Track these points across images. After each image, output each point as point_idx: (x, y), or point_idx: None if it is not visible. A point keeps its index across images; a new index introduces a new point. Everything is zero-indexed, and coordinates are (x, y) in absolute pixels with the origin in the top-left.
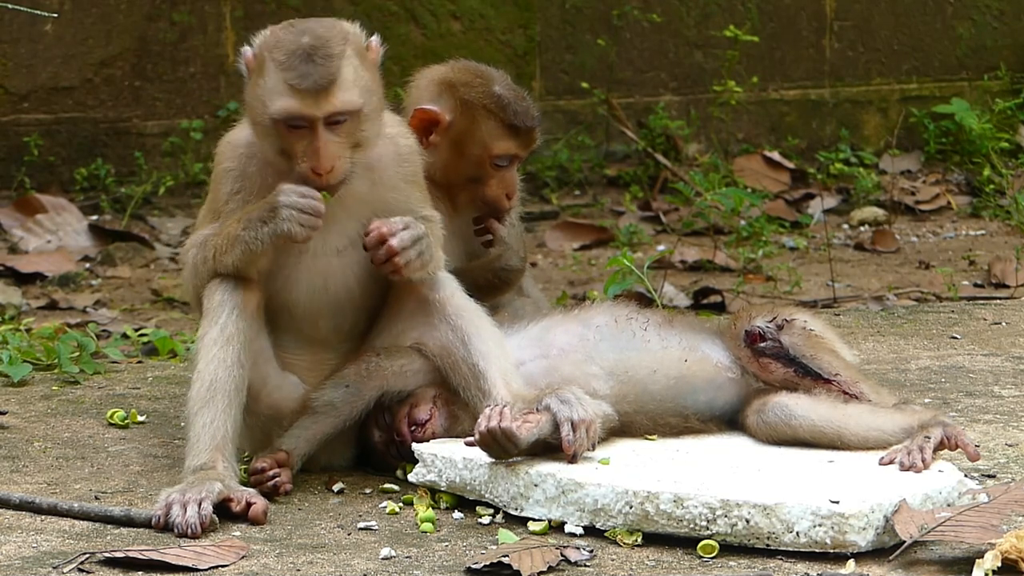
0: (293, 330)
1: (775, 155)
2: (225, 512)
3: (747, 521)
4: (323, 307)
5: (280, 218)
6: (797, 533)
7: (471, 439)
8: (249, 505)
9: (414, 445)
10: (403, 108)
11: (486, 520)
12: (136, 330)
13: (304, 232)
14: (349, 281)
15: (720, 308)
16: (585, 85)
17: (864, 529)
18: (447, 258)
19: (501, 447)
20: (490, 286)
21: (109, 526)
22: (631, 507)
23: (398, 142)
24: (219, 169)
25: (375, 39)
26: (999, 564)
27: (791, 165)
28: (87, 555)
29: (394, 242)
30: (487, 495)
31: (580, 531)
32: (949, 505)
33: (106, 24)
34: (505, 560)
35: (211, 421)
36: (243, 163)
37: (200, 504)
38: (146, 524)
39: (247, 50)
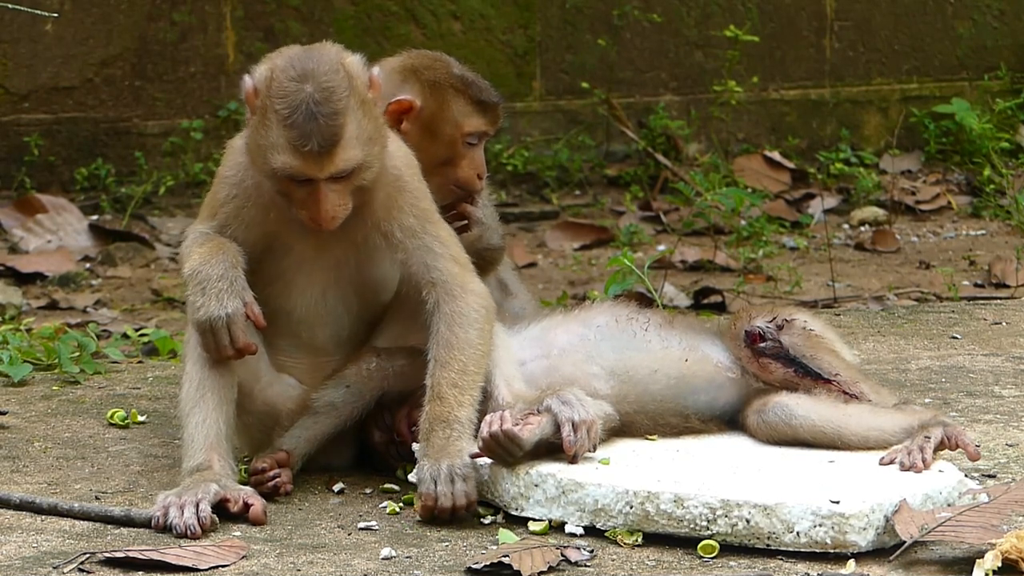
0: (291, 335)
1: (775, 155)
2: (223, 512)
3: (747, 521)
4: (321, 316)
5: (214, 327)
6: (797, 533)
7: (475, 450)
8: (247, 505)
9: (414, 445)
10: None
11: (487, 520)
12: (136, 330)
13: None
14: (347, 293)
15: (720, 308)
16: (585, 85)
17: (864, 529)
18: None
19: (506, 450)
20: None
21: (109, 526)
22: (631, 507)
23: (393, 155)
24: (220, 172)
25: (376, 72)
26: (999, 564)
27: (791, 165)
28: (87, 555)
29: (445, 505)
30: (487, 495)
31: (580, 531)
32: (949, 505)
33: (106, 24)
34: (505, 560)
35: (203, 420)
36: (241, 172)
37: (197, 506)
38: (146, 524)
39: (248, 82)
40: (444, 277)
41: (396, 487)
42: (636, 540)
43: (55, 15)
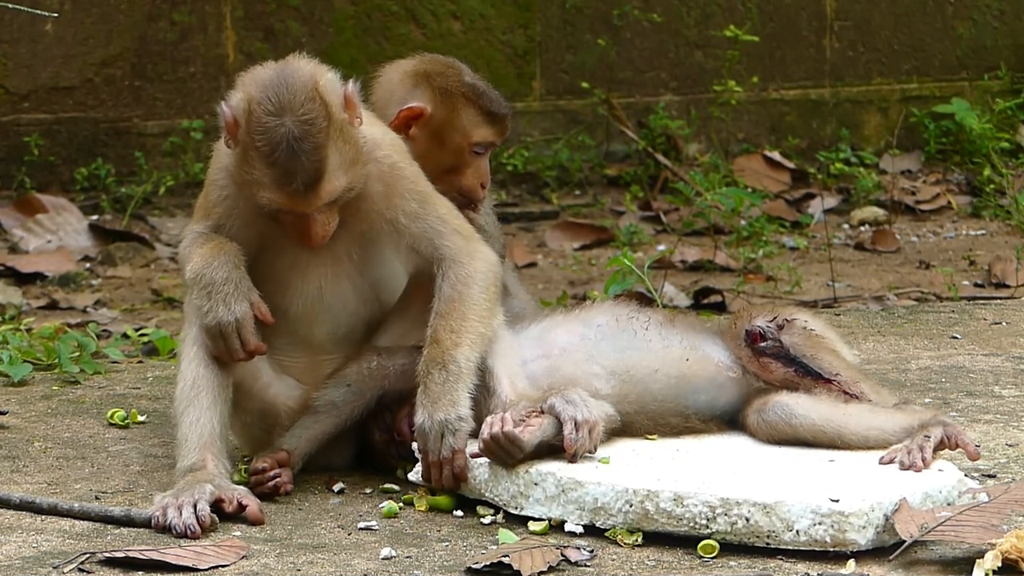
0: (288, 334)
1: (775, 155)
2: (218, 512)
3: (747, 520)
4: (318, 314)
5: (222, 332)
6: (797, 532)
7: (475, 450)
8: (242, 506)
9: (414, 445)
10: (371, 103)
11: (487, 520)
12: (136, 330)
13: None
14: (345, 290)
15: (720, 308)
16: (585, 85)
17: (864, 528)
18: None
19: (507, 452)
20: None
21: (109, 526)
22: (631, 506)
23: (381, 144)
24: (209, 175)
25: (351, 87)
26: (999, 564)
27: (791, 165)
28: (87, 555)
29: (434, 460)
30: (487, 494)
31: (580, 530)
32: (949, 504)
33: (106, 24)
34: (505, 560)
35: (197, 419)
36: (229, 175)
37: (196, 506)
38: (146, 524)
39: (227, 112)
40: (452, 252)
41: (396, 487)
42: (636, 540)
43: (55, 15)
